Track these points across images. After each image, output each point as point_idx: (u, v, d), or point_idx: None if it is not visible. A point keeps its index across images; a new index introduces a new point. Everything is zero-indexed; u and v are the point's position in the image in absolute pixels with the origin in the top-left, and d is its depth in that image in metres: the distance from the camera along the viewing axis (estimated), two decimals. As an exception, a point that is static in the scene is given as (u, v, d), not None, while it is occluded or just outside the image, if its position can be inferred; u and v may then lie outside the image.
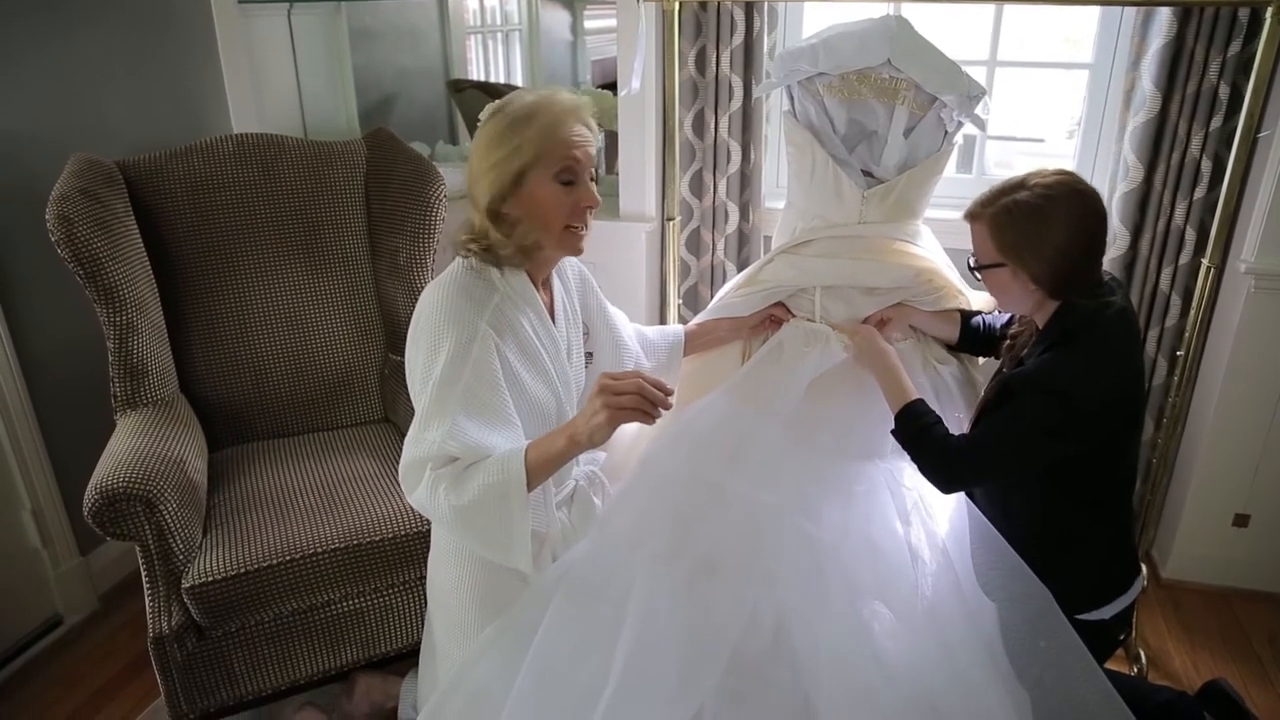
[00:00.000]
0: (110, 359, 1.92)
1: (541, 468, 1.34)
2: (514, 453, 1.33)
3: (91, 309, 1.91)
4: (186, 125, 2.50)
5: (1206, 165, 2.17)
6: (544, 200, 1.41)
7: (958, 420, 1.80)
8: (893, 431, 1.63)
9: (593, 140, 1.44)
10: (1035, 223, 1.47)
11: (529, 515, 1.34)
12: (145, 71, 2.40)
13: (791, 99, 1.97)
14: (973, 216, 1.55)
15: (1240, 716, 1.80)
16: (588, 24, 3.44)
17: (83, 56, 2.24)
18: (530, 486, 1.33)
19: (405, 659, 1.94)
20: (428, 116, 3.34)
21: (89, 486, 1.65)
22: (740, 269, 2.52)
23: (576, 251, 1.50)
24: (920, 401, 1.62)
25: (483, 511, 1.33)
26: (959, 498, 1.63)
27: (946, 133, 1.90)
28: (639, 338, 1.83)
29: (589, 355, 1.68)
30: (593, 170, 1.45)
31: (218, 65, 2.56)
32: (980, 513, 1.59)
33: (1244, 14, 2.02)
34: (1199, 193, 2.20)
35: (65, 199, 1.86)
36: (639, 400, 1.27)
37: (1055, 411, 1.46)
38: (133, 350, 1.92)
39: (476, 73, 3.49)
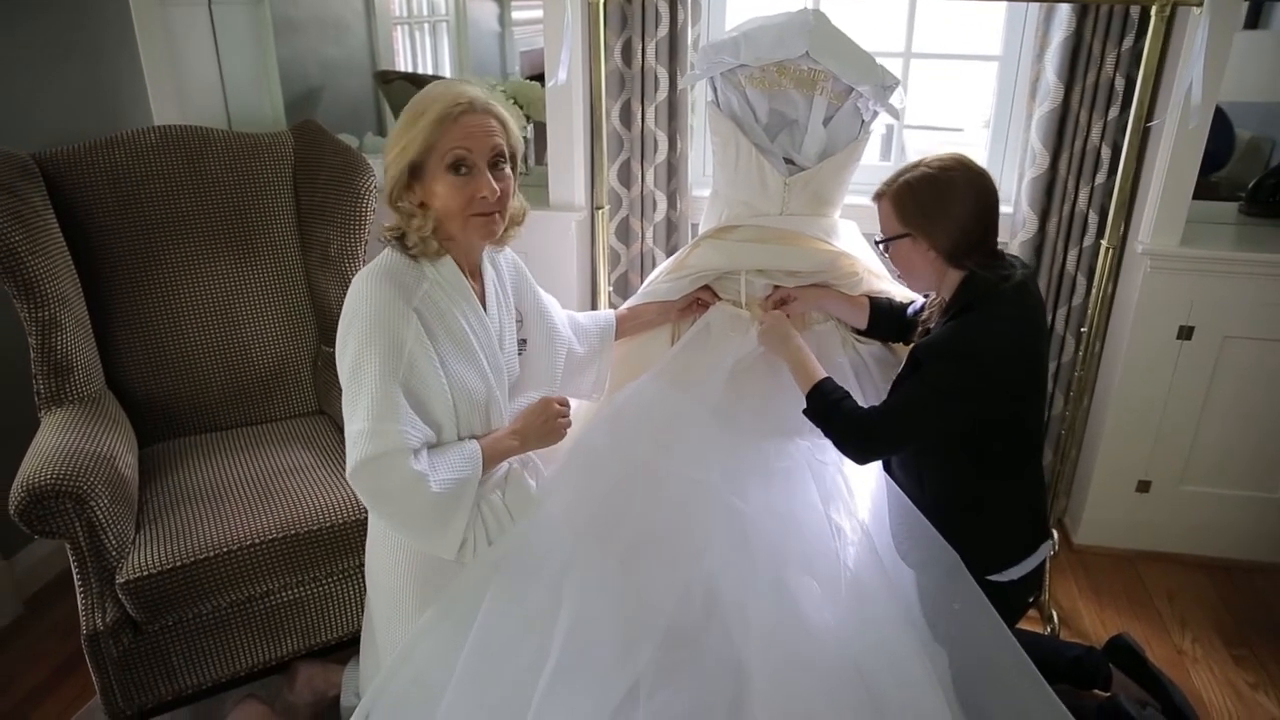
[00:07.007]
0: (33, 355, 1.88)
1: (489, 464, 1.52)
2: (474, 450, 1.49)
3: (9, 304, 1.87)
4: (104, 117, 2.44)
5: (1106, 152, 2.29)
6: (439, 192, 1.44)
7: (878, 398, 1.87)
8: (805, 411, 1.69)
9: (498, 130, 1.44)
10: (933, 194, 1.59)
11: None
12: (59, 62, 2.33)
13: (715, 90, 2.02)
14: (878, 196, 1.67)
15: (1141, 666, 1.94)
16: (516, 15, 3.43)
17: (-8, 46, 2.17)
18: None
19: (346, 647, 1.95)
20: (355, 108, 3.30)
21: (15, 484, 1.62)
22: (669, 256, 2.57)
23: (490, 236, 1.50)
24: (828, 380, 1.69)
25: (451, 502, 1.43)
26: (877, 473, 1.71)
27: (864, 121, 1.98)
28: (571, 323, 1.87)
29: (523, 343, 1.72)
30: (504, 160, 1.46)
31: (136, 56, 2.50)
32: (896, 484, 1.68)
33: (1135, 11, 2.15)
34: (1100, 178, 2.32)
35: (-21, 193, 1.82)
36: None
37: (960, 373, 1.56)
38: (56, 346, 1.89)
39: (404, 64, 3.46)
